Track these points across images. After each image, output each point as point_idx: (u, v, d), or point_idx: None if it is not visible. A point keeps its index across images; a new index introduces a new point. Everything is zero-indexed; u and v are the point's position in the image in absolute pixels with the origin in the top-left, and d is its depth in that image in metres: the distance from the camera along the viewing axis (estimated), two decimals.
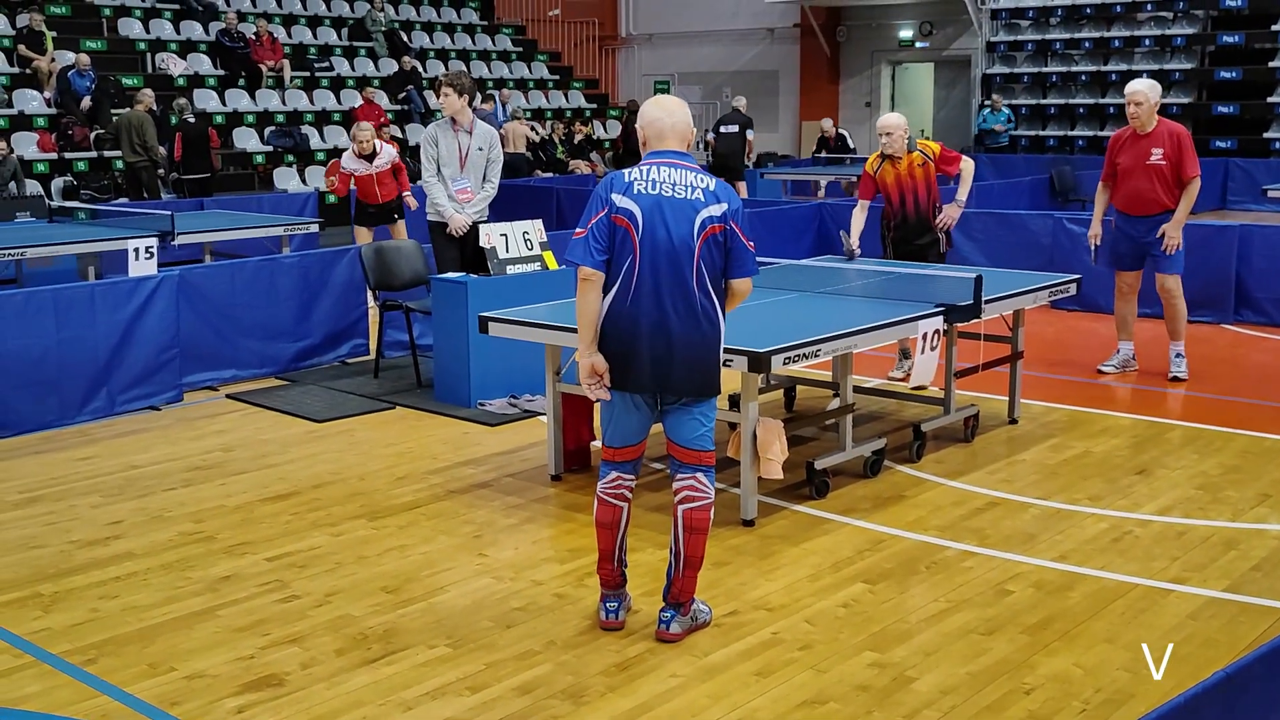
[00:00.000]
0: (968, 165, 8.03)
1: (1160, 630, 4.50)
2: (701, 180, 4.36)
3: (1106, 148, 8.48)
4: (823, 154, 21.18)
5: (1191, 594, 4.84)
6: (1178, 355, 8.39)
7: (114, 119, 16.24)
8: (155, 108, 15.96)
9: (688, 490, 4.47)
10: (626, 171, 4.37)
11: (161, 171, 15.93)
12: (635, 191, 4.31)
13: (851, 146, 21.83)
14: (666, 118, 4.40)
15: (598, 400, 4.47)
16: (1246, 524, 5.62)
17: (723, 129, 17.78)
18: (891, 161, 7.98)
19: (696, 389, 4.40)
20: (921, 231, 8.03)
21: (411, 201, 11.62)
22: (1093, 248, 8.53)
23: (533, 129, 20.49)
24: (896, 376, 8.41)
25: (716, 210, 4.33)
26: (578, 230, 4.35)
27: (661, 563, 5.15)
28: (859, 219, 8.15)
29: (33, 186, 15.38)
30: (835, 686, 4.12)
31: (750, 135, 17.79)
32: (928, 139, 8.10)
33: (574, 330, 5.88)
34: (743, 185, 17.56)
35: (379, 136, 18.05)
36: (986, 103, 22.46)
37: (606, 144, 22.61)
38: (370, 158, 11.37)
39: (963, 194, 8.07)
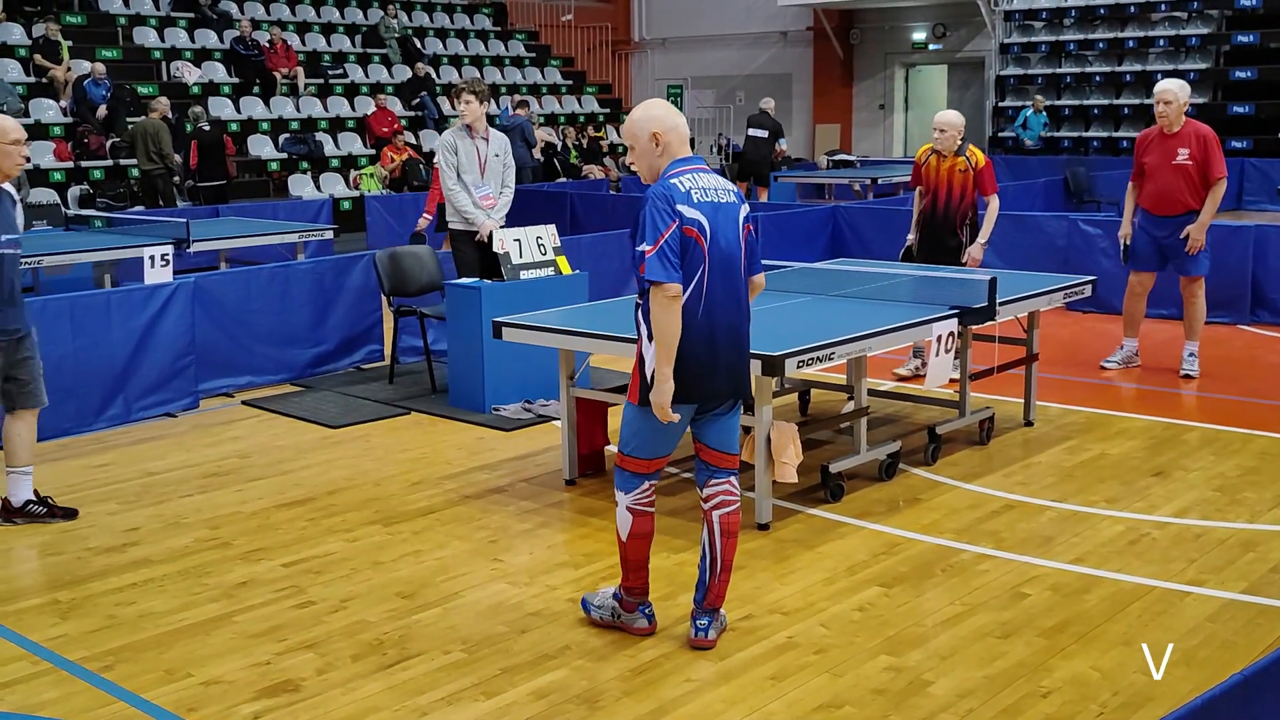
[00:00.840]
0: (995, 204, 8.15)
1: (1178, 633, 4.48)
2: (725, 182, 4.41)
3: (1135, 147, 8.47)
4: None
5: (1209, 596, 4.82)
6: (1190, 354, 8.40)
7: (129, 127, 16.31)
8: (170, 116, 16.03)
9: (723, 495, 4.44)
10: (677, 181, 4.23)
11: (177, 179, 15.99)
12: (696, 200, 4.20)
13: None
14: (682, 123, 4.35)
15: (665, 420, 4.27)
16: (1265, 525, 5.59)
17: (751, 132, 17.37)
18: (938, 157, 8.04)
19: (747, 390, 4.48)
20: (948, 234, 8.06)
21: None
22: (1123, 247, 8.49)
23: (549, 139, 20.51)
24: (904, 374, 8.42)
25: (745, 211, 4.41)
26: (647, 247, 4.12)
27: (676, 566, 5.16)
28: (916, 211, 8.33)
29: (49, 195, 15.45)
30: (851, 690, 4.11)
31: (782, 144, 17.31)
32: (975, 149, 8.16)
33: (587, 335, 5.92)
34: (765, 191, 17.30)
35: (394, 146, 18.18)
36: (1027, 103, 21.97)
37: (620, 149, 22.62)
38: None
39: (986, 235, 8.18)
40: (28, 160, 5.74)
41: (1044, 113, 21.59)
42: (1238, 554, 5.24)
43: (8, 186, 5.74)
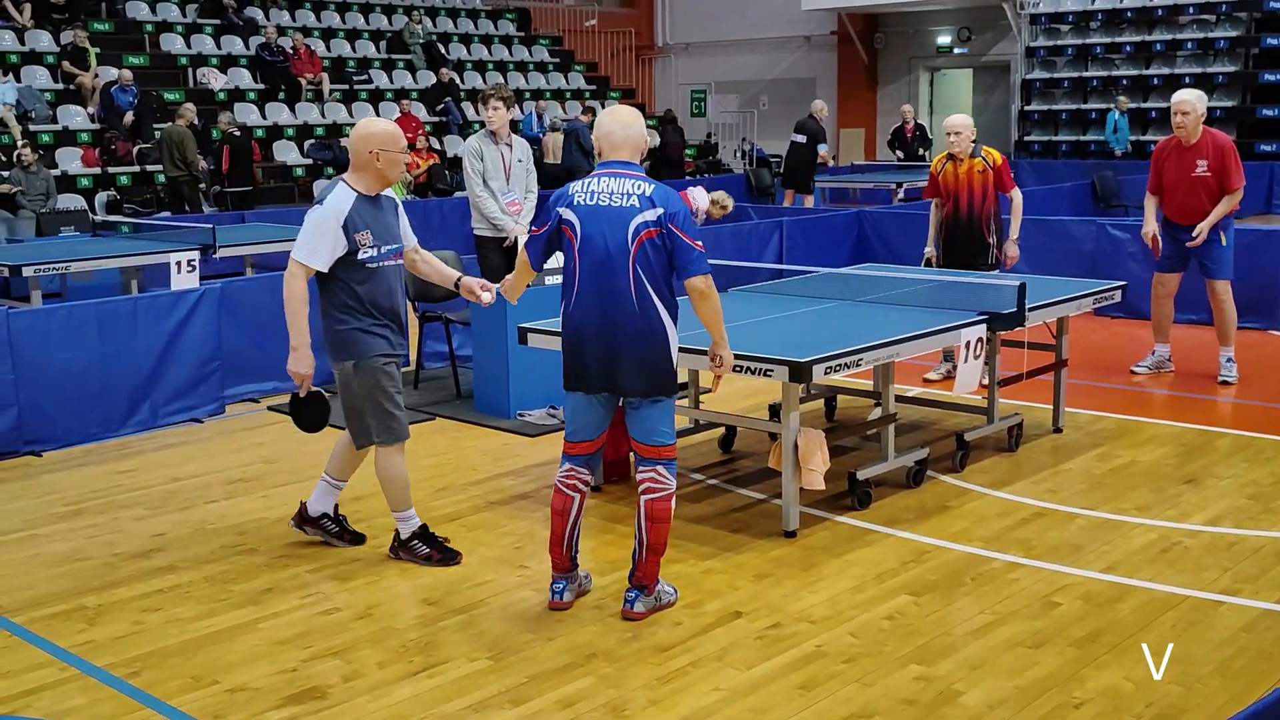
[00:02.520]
0: (1019, 198, 8.17)
1: (1212, 643, 4.42)
2: (638, 187, 4.53)
3: (1151, 159, 8.39)
4: (898, 151, 20.28)
5: (1244, 606, 4.75)
6: (1228, 360, 8.32)
7: (156, 134, 16.41)
8: (197, 122, 16.11)
9: (649, 482, 4.67)
10: (576, 183, 4.65)
11: (203, 185, 16.06)
12: (575, 203, 4.57)
13: (930, 138, 20.40)
14: (620, 130, 4.62)
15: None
16: None
17: (792, 137, 16.79)
18: (954, 162, 8.01)
19: (646, 388, 4.60)
20: (973, 237, 8.00)
21: None
22: (1153, 246, 8.39)
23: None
24: (933, 378, 8.38)
25: (651, 215, 4.49)
26: (533, 228, 4.78)
27: (703, 574, 5.14)
28: (934, 220, 8.26)
29: (76, 201, 15.55)
30: (880, 700, 4.07)
31: (823, 150, 16.58)
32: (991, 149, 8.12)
33: None
34: (810, 198, 16.68)
35: (418, 151, 18.20)
36: (1112, 105, 21.10)
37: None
38: None
39: (1017, 230, 8.19)
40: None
41: (1129, 112, 20.71)
42: (1272, 563, 5.17)
43: (391, 193, 5.39)
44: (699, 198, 11.61)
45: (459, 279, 5.51)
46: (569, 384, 4.71)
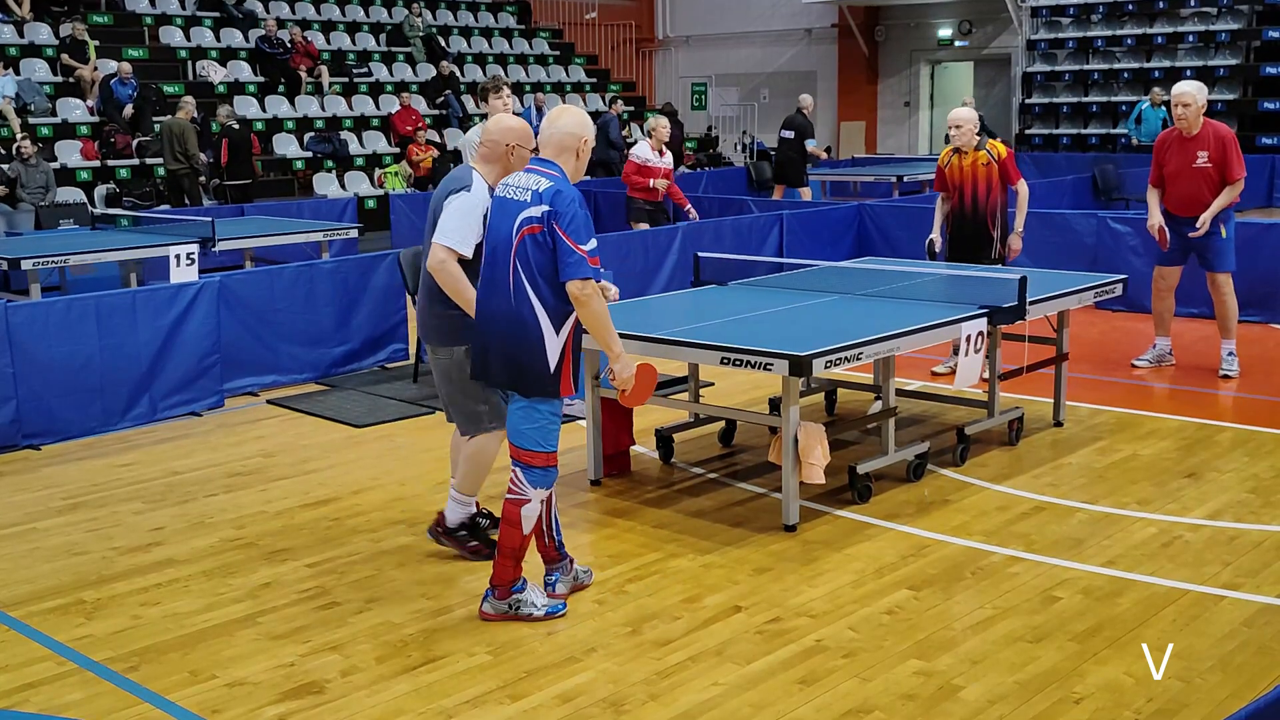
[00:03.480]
0: (1024, 190, 8.16)
1: (1213, 638, 4.41)
2: (537, 183, 4.51)
3: (1154, 150, 8.37)
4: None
5: (1245, 600, 4.74)
6: (1229, 354, 8.30)
7: (156, 127, 16.38)
8: (197, 115, 16.08)
9: (509, 482, 4.66)
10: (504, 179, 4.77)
11: (203, 179, 16.04)
12: (495, 194, 4.71)
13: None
14: (546, 128, 4.64)
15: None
16: None
17: (781, 133, 16.46)
18: (959, 155, 8.00)
19: (509, 382, 4.59)
20: (978, 231, 7.99)
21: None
22: (1160, 238, 8.33)
23: None
24: (941, 372, 8.36)
25: (536, 211, 4.46)
26: None
27: (703, 568, 5.14)
28: (939, 213, 8.27)
29: (75, 194, 15.53)
30: (880, 695, 4.06)
31: (811, 145, 16.26)
32: (996, 141, 8.10)
33: None
34: (806, 190, 16.40)
35: (418, 144, 18.20)
36: (1144, 98, 20.29)
37: None
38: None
39: (1020, 223, 8.18)
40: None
41: (1163, 106, 20.30)
42: (1273, 557, 5.16)
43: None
44: (641, 150, 11.56)
45: None
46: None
